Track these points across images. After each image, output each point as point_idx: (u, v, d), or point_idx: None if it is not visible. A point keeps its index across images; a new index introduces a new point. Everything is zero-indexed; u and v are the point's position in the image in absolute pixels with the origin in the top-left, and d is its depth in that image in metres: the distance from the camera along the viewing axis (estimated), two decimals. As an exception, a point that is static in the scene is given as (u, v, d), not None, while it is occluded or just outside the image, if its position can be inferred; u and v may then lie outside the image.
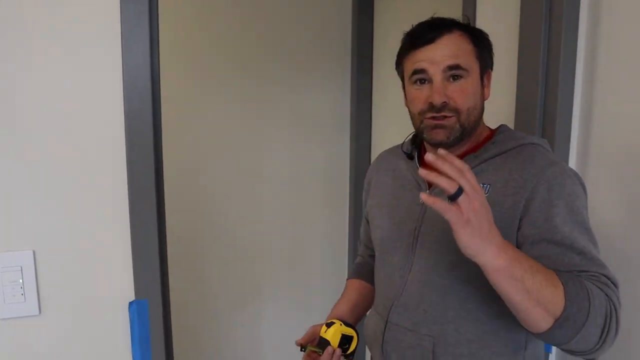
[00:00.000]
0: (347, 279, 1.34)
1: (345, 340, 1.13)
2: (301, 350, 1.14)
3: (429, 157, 0.75)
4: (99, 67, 1.05)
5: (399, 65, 1.07)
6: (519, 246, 0.92)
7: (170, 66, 1.17)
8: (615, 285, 0.86)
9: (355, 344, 1.16)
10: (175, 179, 1.51)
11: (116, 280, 1.11)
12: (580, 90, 1.17)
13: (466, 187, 0.74)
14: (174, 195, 1.31)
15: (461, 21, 1.01)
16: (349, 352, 1.14)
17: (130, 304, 1.11)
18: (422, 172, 0.75)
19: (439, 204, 0.74)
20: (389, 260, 1.09)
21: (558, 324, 0.79)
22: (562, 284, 0.80)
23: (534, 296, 0.78)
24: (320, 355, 1.10)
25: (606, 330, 0.81)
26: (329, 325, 1.13)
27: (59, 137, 1.05)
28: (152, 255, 1.12)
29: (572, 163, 1.18)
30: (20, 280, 1.04)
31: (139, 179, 1.10)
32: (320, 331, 1.14)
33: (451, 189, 0.73)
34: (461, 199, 0.73)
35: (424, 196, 0.74)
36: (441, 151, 0.77)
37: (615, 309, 0.83)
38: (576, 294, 0.80)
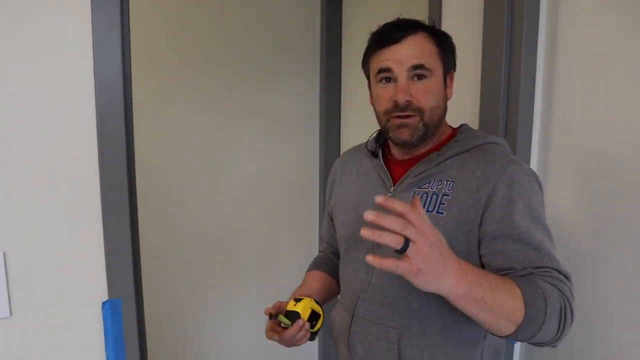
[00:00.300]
0: (307, 272, 1.33)
1: (313, 316, 1.12)
2: (270, 318, 1.12)
3: (369, 215, 0.71)
4: (71, 73, 1.05)
5: (365, 64, 1.09)
6: (480, 241, 0.96)
7: (135, 66, 1.17)
8: (567, 277, 0.91)
9: (321, 323, 1.14)
10: (144, 179, 1.50)
11: (89, 279, 1.10)
12: (540, 91, 1.21)
13: (412, 236, 0.71)
14: (144, 195, 1.31)
15: (426, 23, 1.05)
16: (314, 329, 1.13)
17: (104, 303, 1.11)
18: (364, 233, 0.71)
19: (387, 264, 0.72)
20: (355, 256, 1.12)
21: (520, 328, 0.83)
22: (521, 290, 0.84)
23: (495, 311, 0.82)
24: (286, 328, 1.08)
25: (562, 323, 0.86)
26: (297, 300, 1.12)
27: (30, 139, 1.03)
28: (125, 254, 1.12)
29: (534, 161, 1.23)
30: (-10, 282, 1.02)
31: (111, 179, 1.09)
32: (287, 306, 1.12)
33: (397, 245, 0.71)
34: (409, 250, 0.71)
35: (369, 259, 0.72)
36: (378, 199, 0.74)
37: (569, 301, 0.87)
38: (533, 297, 0.83)
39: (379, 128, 1.11)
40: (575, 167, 1.14)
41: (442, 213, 0.98)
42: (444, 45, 1.04)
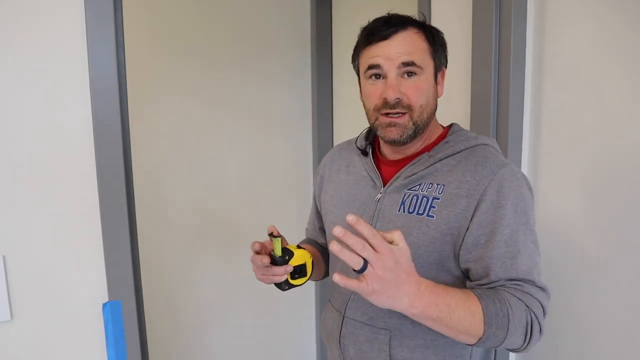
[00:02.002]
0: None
1: (301, 269, 1.12)
2: (269, 235, 1.09)
3: (336, 231, 0.76)
4: (65, 70, 1.05)
5: (355, 59, 1.08)
6: (464, 248, 0.95)
7: (130, 63, 1.18)
8: (542, 289, 0.93)
9: (302, 282, 1.14)
10: (139, 177, 1.50)
11: (89, 282, 1.11)
12: (530, 89, 1.22)
13: (369, 258, 0.76)
14: (139, 194, 1.32)
15: (417, 19, 1.03)
16: (293, 281, 1.12)
17: (104, 305, 1.12)
18: (332, 248, 0.76)
19: (350, 284, 0.79)
20: None
21: (481, 341, 0.87)
22: (482, 308, 0.86)
23: (453, 329, 0.86)
24: (270, 260, 1.08)
25: (528, 335, 0.90)
26: (299, 247, 1.13)
27: (28, 142, 1.04)
28: (125, 256, 1.13)
29: (525, 160, 1.24)
30: (-9, 287, 1.03)
31: (108, 181, 1.11)
32: (285, 244, 1.11)
33: (355, 265, 0.76)
34: (365, 271, 0.77)
35: (336, 278, 0.78)
36: (349, 217, 0.77)
37: (536, 317, 0.90)
38: (495, 315, 0.86)
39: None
40: (566, 167, 1.15)
41: (432, 216, 0.98)
42: (435, 42, 1.03)
